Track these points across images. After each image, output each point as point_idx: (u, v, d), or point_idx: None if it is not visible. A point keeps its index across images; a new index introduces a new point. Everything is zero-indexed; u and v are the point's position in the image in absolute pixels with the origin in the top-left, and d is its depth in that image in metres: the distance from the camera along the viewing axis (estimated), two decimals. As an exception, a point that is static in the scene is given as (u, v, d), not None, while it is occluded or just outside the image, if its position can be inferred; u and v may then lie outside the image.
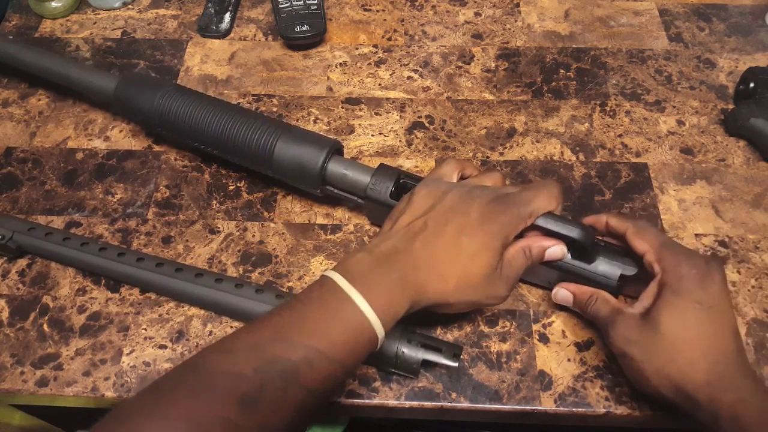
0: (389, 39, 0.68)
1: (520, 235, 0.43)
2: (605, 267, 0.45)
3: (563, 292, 0.46)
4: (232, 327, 0.48)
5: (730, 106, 0.62)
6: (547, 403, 0.45)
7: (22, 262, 0.52)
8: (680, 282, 0.40)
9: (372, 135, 0.60)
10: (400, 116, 0.61)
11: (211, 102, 0.53)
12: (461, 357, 0.47)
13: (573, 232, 0.43)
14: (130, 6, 0.71)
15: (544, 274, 0.47)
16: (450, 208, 0.42)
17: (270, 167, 0.51)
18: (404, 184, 0.50)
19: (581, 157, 0.58)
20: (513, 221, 0.42)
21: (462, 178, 0.47)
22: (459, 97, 0.63)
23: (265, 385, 0.33)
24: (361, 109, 0.62)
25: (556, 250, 0.44)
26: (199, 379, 0.33)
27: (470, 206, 0.41)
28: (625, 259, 0.45)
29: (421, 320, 0.46)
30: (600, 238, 0.47)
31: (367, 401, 0.46)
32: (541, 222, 0.43)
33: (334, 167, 0.50)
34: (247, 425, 0.32)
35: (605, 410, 0.45)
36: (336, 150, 0.51)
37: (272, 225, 0.54)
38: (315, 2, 0.67)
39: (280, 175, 0.52)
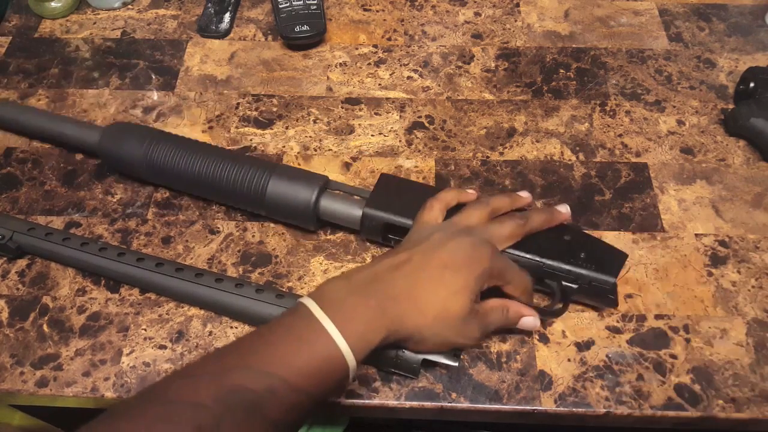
0: (389, 39, 0.68)
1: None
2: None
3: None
4: (232, 327, 0.48)
5: (730, 106, 0.62)
6: (547, 403, 0.45)
7: (22, 262, 0.52)
8: None
9: (372, 135, 0.60)
10: (400, 116, 0.61)
11: (197, 148, 0.52)
12: (461, 357, 0.47)
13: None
14: (129, 6, 0.71)
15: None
16: (438, 245, 0.42)
17: (263, 209, 0.52)
18: (391, 229, 0.50)
19: (581, 157, 0.58)
20: (494, 272, 0.42)
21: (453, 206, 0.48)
22: (459, 97, 0.63)
23: (223, 417, 0.32)
24: (361, 109, 0.62)
25: (530, 321, 0.45)
26: (159, 409, 0.33)
27: (458, 245, 0.42)
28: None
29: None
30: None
31: (367, 401, 0.46)
32: None
33: (326, 206, 0.51)
34: None
35: (605, 410, 0.45)
36: (325, 187, 0.51)
37: (272, 225, 0.54)
38: (315, 2, 0.67)
39: (276, 217, 0.53)
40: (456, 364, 0.44)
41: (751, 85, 0.60)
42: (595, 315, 0.49)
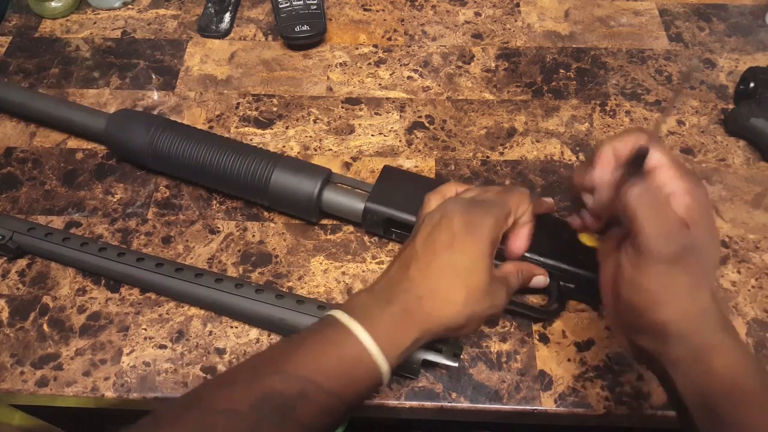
0: (389, 39, 0.68)
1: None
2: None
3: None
4: (232, 327, 0.48)
5: (730, 106, 0.62)
6: (547, 403, 0.45)
7: (22, 262, 0.52)
8: None
9: (372, 135, 0.60)
10: (400, 116, 0.61)
11: (202, 137, 0.53)
12: (461, 357, 0.47)
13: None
14: (130, 6, 0.71)
15: None
16: (433, 226, 0.41)
17: (266, 199, 0.52)
18: (393, 223, 0.51)
19: (581, 157, 0.58)
20: (498, 223, 0.41)
21: None
22: (459, 97, 0.63)
23: (258, 423, 0.33)
24: (361, 109, 0.62)
25: (541, 279, 0.47)
26: (198, 417, 0.33)
27: (452, 219, 0.41)
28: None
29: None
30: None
31: (367, 401, 0.46)
32: None
33: (328, 197, 0.51)
34: None
35: (605, 410, 0.45)
36: (328, 179, 0.52)
37: (272, 225, 0.54)
38: (315, 2, 0.67)
39: (278, 208, 0.53)
40: (456, 364, 0.44)
41: (751, 85, 0.60)
42: (595, 315, 0.49)
